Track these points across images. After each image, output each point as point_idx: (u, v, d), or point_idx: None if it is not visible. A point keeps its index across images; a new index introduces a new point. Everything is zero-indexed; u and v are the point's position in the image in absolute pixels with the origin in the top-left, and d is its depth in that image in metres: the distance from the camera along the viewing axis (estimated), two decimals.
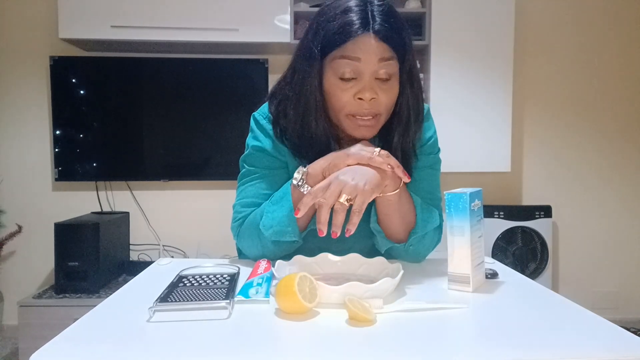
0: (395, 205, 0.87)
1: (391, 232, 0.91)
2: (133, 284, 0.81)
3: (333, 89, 0.85)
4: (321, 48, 0.84)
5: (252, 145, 0.96)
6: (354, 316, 0.62)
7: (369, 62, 0.82)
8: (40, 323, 2.16)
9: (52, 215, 2.60)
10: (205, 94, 2.57)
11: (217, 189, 2.69)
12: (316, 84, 0.86)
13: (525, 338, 0.57)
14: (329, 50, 0.84)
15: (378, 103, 0.84)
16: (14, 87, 2.61)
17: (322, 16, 0.85)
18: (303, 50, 0.88)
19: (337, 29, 0.82)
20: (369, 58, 0.81)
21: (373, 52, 0.81)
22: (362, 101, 0.83)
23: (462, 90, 2.48)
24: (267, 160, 0.95)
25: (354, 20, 0.81)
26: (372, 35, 0.81)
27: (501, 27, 2.47)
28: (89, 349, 0.55)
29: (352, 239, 1.01)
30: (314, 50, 0.84)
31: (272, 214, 0.88)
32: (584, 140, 2.86)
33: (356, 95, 0.83)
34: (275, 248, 0.91)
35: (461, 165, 2.50)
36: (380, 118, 0.87)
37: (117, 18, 2.32)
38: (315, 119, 0.88)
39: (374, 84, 0.83)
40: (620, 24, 2.82)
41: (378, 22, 0.81)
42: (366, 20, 0.81)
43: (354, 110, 0.85)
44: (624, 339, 0.57)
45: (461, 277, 0.77)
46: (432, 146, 0.99)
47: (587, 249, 2.88)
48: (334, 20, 0.83)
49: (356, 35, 0.81)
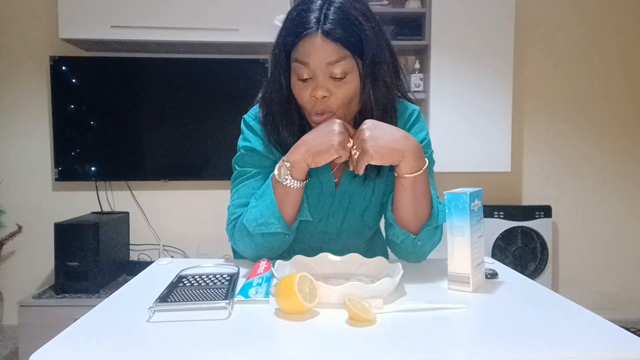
0: (410, 191, 0.86)
1: (403, 220, 0.89)
2: (133, 284, 0.81)
3: (294, 88, 0.88)
4: (283, 48, 0.87)
5: (242, 145, 0.99)
6: (354, 316, 0.62)
7: (317, 65, 0.83)
8: (40, 323, 2.16)
9: (52, 215, 2.60)
10: (205, 94, 2.57)
11: (217, 189, 2.69)
12: (283, 83, 0.89)
13: (525, 338, 0.57)
14: (289, 51, 0.86)
15: (331, 101, 0.86)
16: (14, 87, 2.61)
17: (287, 16, 0.88)
18: (272, 51, 0.91)
19: (291, 30, 0.85)
20: (317, 61, 0.83)
21: (320, 54, 0.82)
22: (316, 99, 0.86)
23: (462, 90, 2.48)
24: (258, 160, 0.97)
25: (307, 21, 0.83)
26: (320, 36, 0.82)
27: (501, 27, 2.47)
28: (89, 349, 0.55)
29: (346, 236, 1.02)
30: (277, 52, 0.88)
31: (255, 208, 0.89)
32: (584, 140, 2.86)
33: (311, 94, 0.86)
34: (266, 243, 0.90)
35: (461, 165, 2.49)
36: (336, 115, 0.88)
37: (117, 18, 2.32)
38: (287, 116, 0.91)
39: (328, 83, 0.85)
40: (620, 24, 2.82)
41: (330, 21, 0.82)
42: (318, 19, 0.82)
43: (309, 108, 0.88)
44: (624, 339, 0.57)
45: (461, 277, 0.77)
46: (427, 146, 0.99)
47: (587, 249, 2.88)
48: (291, 21, 0.85)
49: (305, 37, 0.82)
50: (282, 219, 0.88)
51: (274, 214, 0.87)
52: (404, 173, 0.84)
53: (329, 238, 1.02)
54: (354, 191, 0.98)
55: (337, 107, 0.87)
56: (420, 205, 0.88)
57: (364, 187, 0.98)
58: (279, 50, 0.88)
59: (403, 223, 0.90)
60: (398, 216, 0.90)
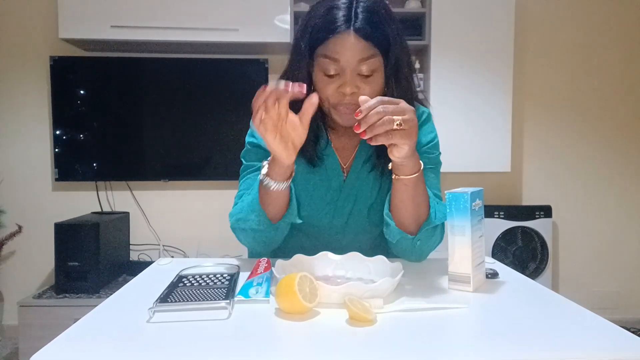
0: (411, 192, 0.86)
1: (403, 220, 0.90)
2: (133, 284, 0.81)
3: (319, 82, 0.89)
4: (309, 44, 0.87)
5: (248, 141, 1.02)
6: (354, 316, 0.62)
7: (348, 62, 0.84)
8: (40, 323, 2.16)
9: (52, 215, 2.60)
10: (205, 94, 2.57)
11: (217, 189, 2.69)
12: (305, 77, 0.89)
13: (525, 338, 0.57)
14: (315, 46, 0.87)
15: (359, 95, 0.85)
16: (14, 87, 2.61)
17: (312, 12, 0.89)
18: (295, 46, 0.91)
19: (320, 26, 0.85)
20: (348, 58, 0.84)
21: (352, 51, 0.83)
22: (344, 95, 0.86)
23: (462, 91, 2.48)
24: (262, 154, 0.98)
25: (336, 18, 0.83)
26: (352, 34, 0.83)
27: (501, 27, 2.47)
28: (89, 350, 0.55)
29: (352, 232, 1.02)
30: (302, 46, 0.88)
31: (240, 204, 0.93)
32: (584, 140, 2.86)
33: (339, 89, 0.86)
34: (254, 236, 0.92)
35: (461, 165, 2.49)
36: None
37: (117, 18, 2.32)
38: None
39: (356, 79, 0.86)
40: (620, 24, 2.82)
41: (360, 19, 0.83)
42: (348, 17, 0.83)
43: (336, 102, 0.88)
44: (624, 339, 0.57)
45: (462, 277, 0.77)
46: (433, 148, 1.01)
47: (587, 249, 2.88)
48: (320, 18, 0.86)
49: (336, 34, 0.83)
50: (264, 215, 0.88)
51: (253, 210, 0.89)
52: (407, 174, 0.84)
53: (335, 232, 1.03)
54: (361, 186, 1.00)
55: None
56: (419, 206, 0.88)
57: (371, 184, 0.99)
58: (305, 45, 0.88)
59: (402, 223, 0.90)
60: (398, 217, 0.90)
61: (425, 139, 0.99)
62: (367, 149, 0.99)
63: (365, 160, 1.00)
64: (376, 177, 0.99)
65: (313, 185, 1.00)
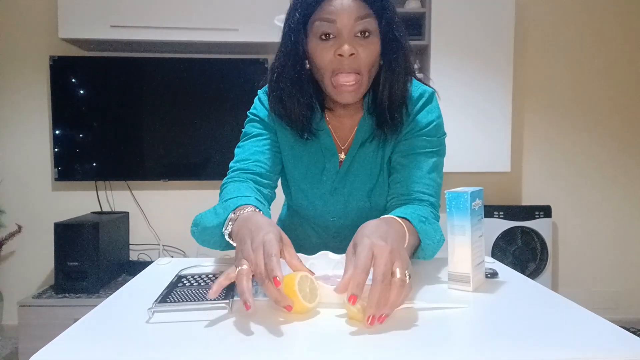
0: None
1: None
2: (133, 284, 0.81)
3: (315, 49, 0.87)
4: (302, 12, 0.87)
5: (250, 112, 1.03)
6: (354, 316, 0.62)
7: (344, 21, 0.84)
8: (40, 323, 2.16)
9: (52, 215, 2.60)
10: (205, 94, 2.57)
11: (217, 189, 2.68)
12: (300, 48, 0.88)
13: (525, 338, 0.57)
14: (309, 13, 0.86)
15: (358, 59, 0.86)
16: (14, 87, 2.61)
17: None
18: (288, 18, 0.91)
19: None
20: (345, 17, 0.84)
21: (348, 11, 0.84)
22: (342, 57, 0.85)
23: (462, 90, 2.48)
24: (260, 124, 1.00)
25: None
26: None
27: (501, 27, 2.47)
28: (89, 350, 0.55)
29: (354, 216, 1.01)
30: (295, 15, 0.88)
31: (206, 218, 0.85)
32: (584, 140, 2.86)
33: (336, 52, 0.85)
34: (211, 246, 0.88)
35: (461, 165, 2.50)
36: (362, 79, 0.87)
37: (117, 18, 2.32)
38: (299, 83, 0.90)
39: (353, 41, 0.85)
40: (620, 22, 2.82)
41: None
42: None
43: (335, 67, 0.86)
44: (624, 339, 0.57)
45: (461, 277, 0.77)
46: (436, 129, 0.98)
47: (587, 249, 2.88)
48: None
49: None
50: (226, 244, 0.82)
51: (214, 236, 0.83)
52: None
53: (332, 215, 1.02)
54: (359, 169, 0.98)
55: (364, 66, 0.87)
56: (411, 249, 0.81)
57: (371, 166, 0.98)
58: (297, 15, 0.87)
59: None
60: None
61: (425, 120, 0.97)
62: (366, 130, 0.97)
63: (364, 141, 0.97)
64: (377, 160, 0.97)
65: (306, 164, 0.99)
